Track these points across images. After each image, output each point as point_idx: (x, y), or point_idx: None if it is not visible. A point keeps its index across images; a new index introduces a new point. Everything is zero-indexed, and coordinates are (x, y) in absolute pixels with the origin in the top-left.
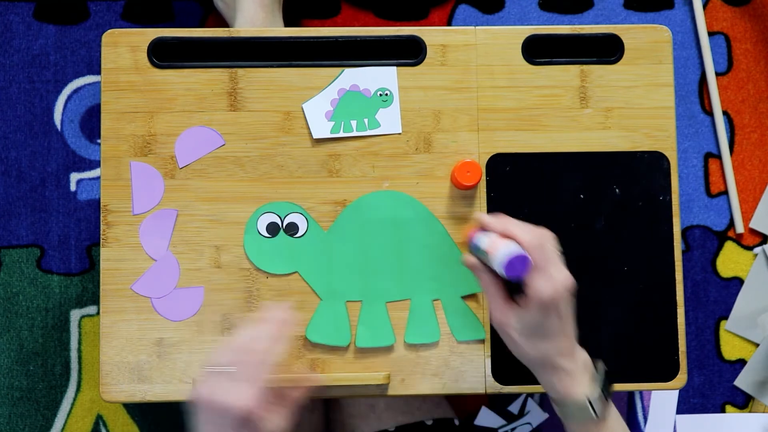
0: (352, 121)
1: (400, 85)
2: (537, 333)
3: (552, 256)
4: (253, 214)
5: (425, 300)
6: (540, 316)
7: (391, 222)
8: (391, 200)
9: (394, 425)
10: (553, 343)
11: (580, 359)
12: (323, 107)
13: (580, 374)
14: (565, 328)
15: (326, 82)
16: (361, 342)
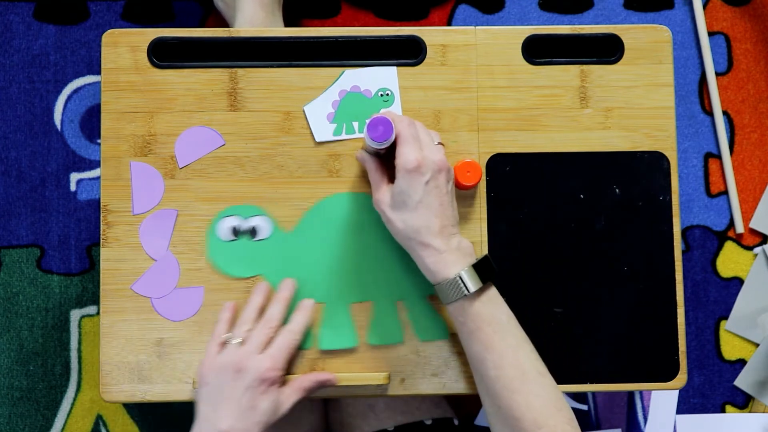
0: (353, 122)
1: (400, 85)
2: (403, 203)
3: (425, 137)
4: (215, 218)
5: (388, 301)
6: (405, 183)
7: (355, 224)
8: (353, 202)
9: (393, 425)
10: (420, 217)
11: (454, 241)
12: (325, 109)
13: (452, 253)
14: (435, 205)
15: (327, 82)
16: (323, 344)
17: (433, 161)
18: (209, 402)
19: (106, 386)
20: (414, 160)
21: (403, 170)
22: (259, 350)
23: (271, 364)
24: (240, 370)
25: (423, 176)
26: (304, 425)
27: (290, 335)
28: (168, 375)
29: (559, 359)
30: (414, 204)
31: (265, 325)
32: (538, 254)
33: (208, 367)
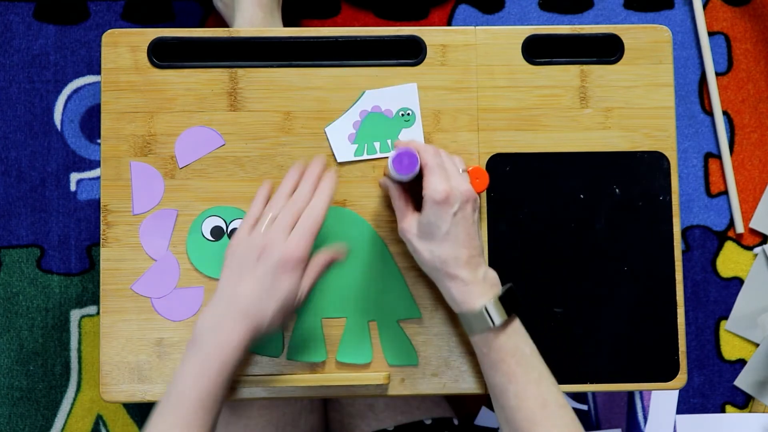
0: (375, 142)
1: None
2: (431, 234)
3: (450, 166)
4: (199, 215)
5: (360, 320)
6: (433, 215)
7: (336, 239)
8: (338, 218)
9: (393, 425)
10: (448, 248)
11: (480, 272)
12: (346, 130)
13: (479, 285)
14: (463, 236)
15: (327, 82)
16: (291, 355)
17: (460, 192)
18: (232, 275)
19: (106, 386)
20: (442, 191)
21: (431, 201)
22: (286, 231)
23: (295, 247)
24: (266, 250)
25: (451, 207)
26: (303, 425)
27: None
28: (168, 375)
29: (559, 359)
30: (442, 235)
31: (292, 207)
32: (538, 254)
33: (237, 245)
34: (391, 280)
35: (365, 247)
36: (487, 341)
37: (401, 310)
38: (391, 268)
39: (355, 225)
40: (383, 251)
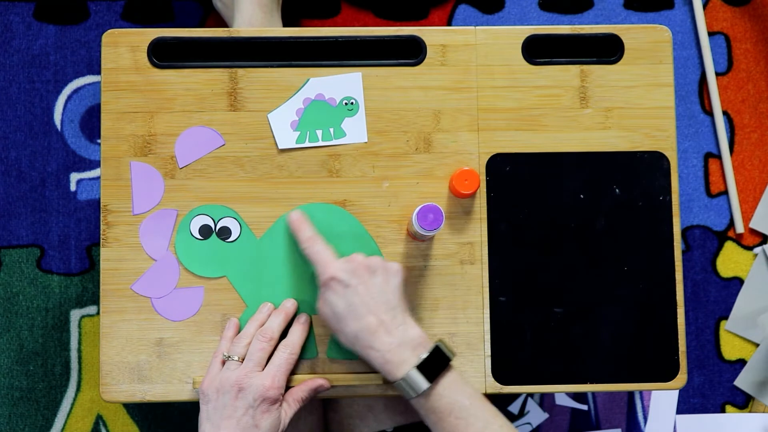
0: (317, 130)
1: (399, 85)
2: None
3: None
4: (187, 214)
5: None
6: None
7: (325, 235)
8: (326, 213)
9: (393, 426)
10: (352, 323)
11: (396, 337)
12: (289, 117)
13: (397, 352)
14: (366, 305)
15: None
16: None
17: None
18: (211, 420)
19: (106, 386)
20: (325, 274)
21: (321, 286)
22: (259, 366)
23: (271, 382)
24: (241, 389)
25: (340, 284)
26: (302, 426)
27: (288, 351)
28: (168, 375)
29: (559, 359)
30: (343, 313)
31: (263, 339)
32: (538, 254)
33: (209, 385)
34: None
35: (353, 242)
36: (420, 405)
37: None
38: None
39: (344, 220)
40: (371, 246)
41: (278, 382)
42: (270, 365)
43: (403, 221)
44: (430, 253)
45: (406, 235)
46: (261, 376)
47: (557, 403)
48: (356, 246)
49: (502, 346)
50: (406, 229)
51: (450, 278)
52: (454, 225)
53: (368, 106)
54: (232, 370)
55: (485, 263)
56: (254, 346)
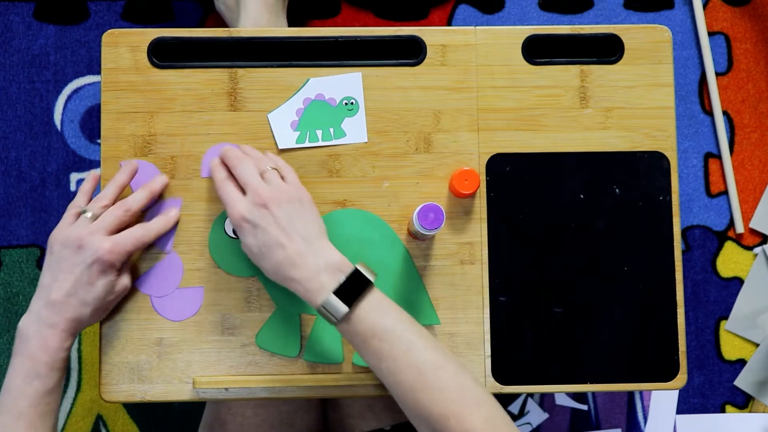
0: (317, 130)
1: (399, 85)
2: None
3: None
4: (222, 212)
5: None
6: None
7: (357, 241)
8: (359, 219)
9: (390, 424)
10: (268, 257)
11: (313, 264)
12: (289, 117)
13: (316, 279)
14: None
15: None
16: (308, 356)
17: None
18: (50, 271)
19: (106, 386)
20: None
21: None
22: (106, 231)
23: (111, 247)
24: (81, 247)
25: (249, 223)
26: (299, 424)
27: (141, 230)
28: (168, 375)
29: (559, 359)
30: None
31: (121, 207)
32: (538, 254)
33: (55, 236)
34: (413, 287)
35: (385, 248)
36: (344, 330)
37: (421, 317)
38: (412, 274)
39: (377, 227)
40: (402, 252)
41: (119, 248)
42: (119, 236)
43: (403, 221)
44: (430, 253)
45: (407, 235)
46: (103, 239)
47: (557, 403)
48: (388, 254)
49: (502, 346)
50: (407, 228)
51: (450, 278)
52: (454, 225)
53: (368, 106)
54: (80, 226)
55: (485, 263)
56: (110, 211)
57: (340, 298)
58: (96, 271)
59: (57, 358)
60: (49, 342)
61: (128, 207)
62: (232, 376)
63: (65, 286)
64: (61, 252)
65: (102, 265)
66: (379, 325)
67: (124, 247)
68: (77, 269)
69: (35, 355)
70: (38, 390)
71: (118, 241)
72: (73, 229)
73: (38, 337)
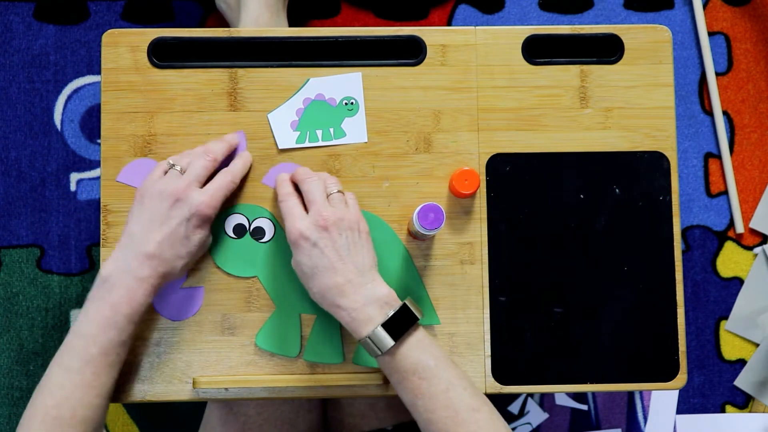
0: (317, 130)
1: (399, 85)
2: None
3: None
4: (222, 213)
5: None
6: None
7: None
8: None
9: (392, 424)
10: (320, 281)
11: (363, 295)
12: (289, 117)
13: (363, 311)
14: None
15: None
16: (308, 356)
17: (314, 224)
18: (141, 222)
19: None
20: (293, 231)
21: (290, 243)
22: (199, 182)
23: (209, 200)
24: (180, 200)
25: (308, 242)
26: (301, 424)
27: (229, 176)
28: (168, 375)
29: (559, 359)
30: (310, 272)
31: (206, 156)
32: (538, 254)
33: (148, 188)
34: (414, 287)
35: (387, 250)
36: (385, 364)
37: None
38: (412, 274)
39: (378, 228)
40: (403, 253)
41: (215, 201)
42: (211, 184)
43: (403, 221)
44: (430, 253)
45: (407, 235)
46: (200, 192)
47: (557, 403)
48: (389, 255)
49: (502, 346)
50: (407, 228)
51: (450, 278)
52: (454, 225)
53: (368, 106)
54: (173, 179)
55: (485, 263)
56: (197, 162)
57: (387, 331)
58: (194, 225)
59: (139, 311)
60: (136, 294)
61: (214, 156)
62: (232, 376)
63: (160, 239)
64: (156, 204)
65: (200, 219)
66: (422, 362)
67: (219, 198)
68: (173, 222)
69: (117, 305)
70: (112, 340)
71: (212, 193)
72: (168, 182)
73: (125, 287)
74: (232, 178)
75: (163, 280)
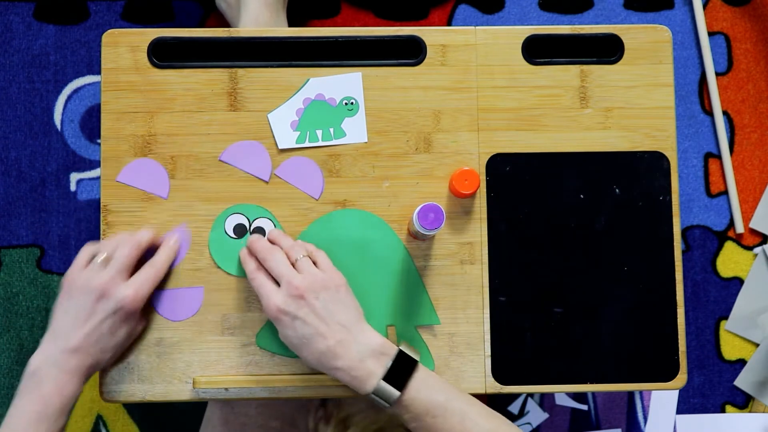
0: (317, 130)
1: (399, 85)
2: (292, 345)
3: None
4: (222, 212)
5: (379, 325)
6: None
7: (357, 241)
8: (359, 219)
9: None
10: (311, 349)
11: (356, 352)
12: (289, 117)
13: (362, 367)
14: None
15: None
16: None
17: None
18: (67, 315)
19: (106, 386)
20: (271, 308)
21: (272, 320)
22: (124, 275)
23: (134, 295)
24: (104, 296)
25: (287, 315)
26: (301, 424)
27: (153, 269)
28: (168, 375)
29: (559, 359)
30: (299, 342)
31: (132, 245)
32: (538, 254)
33: (74, 280)
34: (413, 286)
35: (386, 249)
36: (396, 412)
37: (421, 316)
38: (411, 271)
39: (377, 227)
40: (403, 253)
41: (140, 295)
42: (135, 277)
43: (403, 221)
44: (430, 253)
45: (407, 235)
46: (125, 286)
47: (557, 403)
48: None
49: (502, 346)
50: (407, 228)
51: (450, 278)
52: (454, 225)
53: (368, 106)
54: (97, 272)
55: (485, 263)
56: (121, 252)
57: (389, 381)
58: (119, 320)
59: (69, 403)
60: (66, 387)
61: (138, 243)
62: (232, 376)
63: (86, 333)
64: (81, 299)
65: (125, 314)
66: (432, 401)
67: (144, 292)
68: (98, 317)
69: (48, 398)
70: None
71: (137, 287)
72: (92, 276)
73: (54, 381)
74: (156, 270)
75: (92, 370)
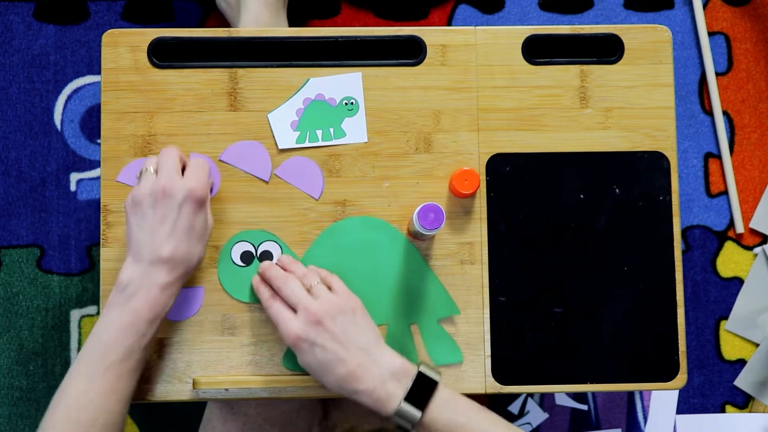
0: (317, 130)
1: (399, 85)
2: (313, 372)
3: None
4: (227, 243)
5: (402, 324)
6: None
7: (366, 247)
8: (362, 226)
9: (393, 424)
10: (331, 375)
11: (377, 374)
12: (289, 117)
13: (382, 389)
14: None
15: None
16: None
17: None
18: (143, 229)
19: None
20: (289, 336)
21: (291, 347)
22: (177, 173)
23: (195, 181)
24: (169, 193)
25: (306, 342)
26: (301, 423)
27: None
28: (168, 375)
29: (559, 359)
30: (320, 368)
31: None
32: (538, 254)
33: (136, 195)
34: (427, 280)
35: (395, 250)
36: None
37: (441, 309)
38: (423, 267)
39: (382, 230)
40: (412, 251)
41: (201, 180)
42: (188, 172)
43: (403, 221)
44: (430, 253)
45: (407, 235)
46: (184, 180)
47: (557, 403)
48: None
49: (502, 346)
50: (407, 228)
51: (450, 278)
52: (454, 225)
53: (368, 106)
54: (151, 180)
55: (485, 263)
56: (165, 158)
57: (410, 402)
58: (191, 211)
59: (161, 315)
60: (159, 300)
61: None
62: (232, 376)
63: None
64: (149, 206)
65: (195, 202)
66: (454, 421)
67: (203, 178)
68: (172, 214)
69: (139, 311)
70: (133, 345)
71: (194, 175)
72: (150, 184)
73: (147, 294)
74: (202, 162)
75: (185, 278)
